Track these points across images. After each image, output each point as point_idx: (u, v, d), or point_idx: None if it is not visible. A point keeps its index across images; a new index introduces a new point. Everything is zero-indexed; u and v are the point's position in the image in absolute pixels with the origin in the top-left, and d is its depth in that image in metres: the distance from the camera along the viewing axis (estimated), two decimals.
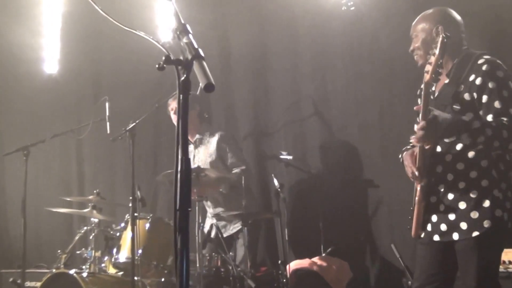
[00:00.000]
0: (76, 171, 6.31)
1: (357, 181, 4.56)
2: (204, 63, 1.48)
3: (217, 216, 4.47)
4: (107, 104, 4.54)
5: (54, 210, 4.79)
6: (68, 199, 5.13)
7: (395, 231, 4.28)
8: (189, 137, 4.82)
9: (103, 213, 4.61)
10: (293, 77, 5.03)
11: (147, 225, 4.15)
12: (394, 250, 3.84)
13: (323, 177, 4.65)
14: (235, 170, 4.42)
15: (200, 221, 3.88)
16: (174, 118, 4.72)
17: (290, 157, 4.39)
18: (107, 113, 4.53)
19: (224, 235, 4.46)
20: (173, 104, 4.76)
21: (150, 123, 5.53)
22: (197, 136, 4.64)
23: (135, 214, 3.80)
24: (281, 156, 4.48)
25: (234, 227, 4.53)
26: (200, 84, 1.44)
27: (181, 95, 1.51)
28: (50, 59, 6.56)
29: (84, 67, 6.35)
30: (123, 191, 5.82)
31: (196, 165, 4.20)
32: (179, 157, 1.51)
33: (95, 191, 4.63)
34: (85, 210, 4.57)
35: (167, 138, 5.74)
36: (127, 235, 4.16)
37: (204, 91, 1.41)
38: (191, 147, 4.82)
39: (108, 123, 4.52)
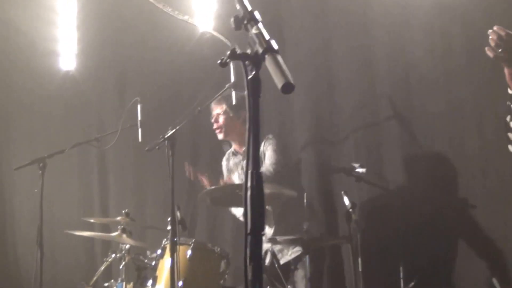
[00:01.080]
0: (100, 188, 6.49)
1: (447, 200, 4.52)
2: (279, 58, 1.54)
3: (272, 240, 4.53)
4: (139, 107, 4.67)
5: (77, 233, 4.92)
6: (92, 220, 5.28)
7: (496, 263, 4.24)
8: (237, 148, 4.93)
9: (133, 237, 4.73)
10: (364, 73, 5.06)
11: (189, 252, 4.24)
12: (497, 286, 3.80)
13: (404, 195, 4.64)
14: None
15: None
16: (216, 127, 4.90)
17: (363, 170, 4.40)
18: (139, 118, 4.65)
19: (281, 262, 4.51)
20: (216, 110, 4.88)
21: (186, 130, 5.63)
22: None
23: (175, 239, 3.88)
24: (352, 169, 4.49)
25: (292, 252, 4.59)
26: (277, 84, 1.49)
27: (250, 97, 1.57)
28: (66, 53, 6.74)
29: (106, 62, 6.54)
30: (155, 212, 5.97)
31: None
32: (249, 170, 1.56)
33: (123, 211, 4.76)
34: (113, 234, 4.70)
35: (207, 148, 5.84)
36: (164, 264, 4.27)
37: (282, 92, 1.47)
38: (239, 158, 4.91)
39: (140, 130, 4.64)
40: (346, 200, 4.20)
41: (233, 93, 4.36)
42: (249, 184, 1.59)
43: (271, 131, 5.24)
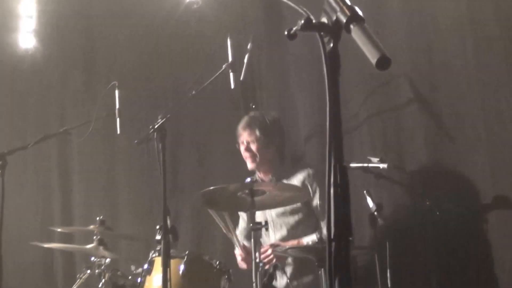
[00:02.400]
0: (62, 190, 6.40)
1: (489, 199, 4.53)
2: (367, 27, 1.50)
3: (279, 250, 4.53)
4: (117, 93, 4.61)
5: (46, 246, 4.84)
6: (59, 229, 5.20)
7: None
8: (263, 176, 4.99)
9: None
10: None
11: (182, 267, 4.16)
12: None
13: (433, 193, 4.61)
14: (308, 239, 4.67)
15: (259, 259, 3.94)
16: (248, 156, 4.88)
17: (384, 165, 4.38)
18: (117, 105, 4.60)
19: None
20: (246, 136, 4.88)
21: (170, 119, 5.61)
22: (270, 177, 4.85)
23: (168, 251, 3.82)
24: (371, 164, 4.46)
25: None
26: (370, 59, 1.45)
27: (328, 75, 1.53)
28: (23, 27, 6.58)
29: (72, 39, 6.46)
30: (130, 219, 5.91)
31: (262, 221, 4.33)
32: (332, 164, 1.53)
33: (98, 218, 4.67)
34: (89, 246, 4.62)
35: (193, 142, 5.80)
36: (152, 283, 4.19)
37: (377, 68, 1.43)
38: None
39: (118, 120, 4.59)
40: (369, 201, 4.18)
41: (231, 76, 4.33)
42: (332, 179, 1.54)
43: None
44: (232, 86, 4.35)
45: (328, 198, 1.54)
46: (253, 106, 4.98)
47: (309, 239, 4.65)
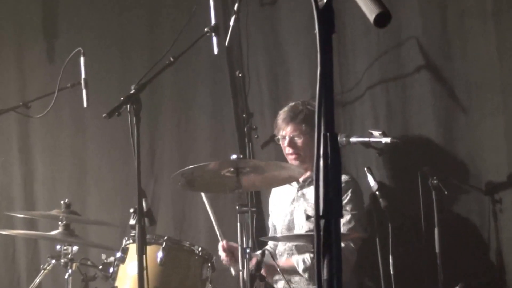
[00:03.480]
0: (24, 172, 6.39)
1: (504, 177, 4.58)
2: None
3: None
4: (82, 61, 4.61)
5: (6, 233, 4.87)
6: (20, 215, 5.22)
7: None
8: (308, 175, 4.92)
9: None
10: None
11: (160, 255, 4.20)
12: None
13: (444, 171, 4.64)
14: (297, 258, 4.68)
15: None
16: (291, 152, 4.83)
17: (387, 140, 4.41)
18: (83, 75, 4.61)
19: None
20: (291, 130, 4.82)
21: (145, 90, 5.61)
22: (308, 174, 4.80)
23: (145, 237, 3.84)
24: (372, 139, 4.49)
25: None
26: (368, 15, 1.48)
27: (321, 33, 1.56)
28: None
29: (30, 2, 6.43)
30: (100, 202, 5.93)
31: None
32: (321, 132, 1.57)
33: (63, 202, 4.67)
34: (53, 233, 4.63)
35: (173, 116, 5.86)
36: (127, 272, 4.23)
37: (376, 25, 1.46)
38: (290, 189, 4.96)
39: (85, 91, 4.61)
40: (371, 180, 4.23)
41: (214, 40, 4.34)
42: (321, 150, 1.58)
43: (264, 101, 5.25)
44: (215, 52, 4.36)
45: (316, 171, 1.57)
46: (240, 75, 4.97)
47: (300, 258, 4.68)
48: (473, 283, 4.33)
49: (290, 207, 4.84)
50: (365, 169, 4.31)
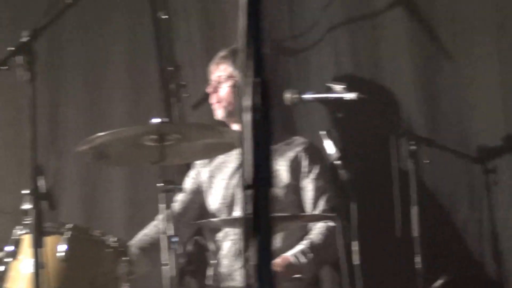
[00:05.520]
0: None
1: (499, 141, 4.62)
2: None
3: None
4: None
5: None
6: None
7: None
8: None
9: None
10: None
11: (63, 247, 4.19)
12: None
13: (423, 133, 4.70)
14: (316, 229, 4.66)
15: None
16: (214, 100, 4.91)
17: (351, 95, 4.42)
18: None
19: None
20: (217, 72, 4.90)
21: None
22: None
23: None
24: (332, 95, 4.51)
25: None
26: None
27: None
28: None
29: None
30: None
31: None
32: (251, 80, 1.57)
33: None
34: None
35: (80, 71, 5.83)
36: (19, 270, 4.21)
37: None
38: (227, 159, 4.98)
39: None
40: (330, 146, 4.24)
41: None
42: (249, 102, 1.58)
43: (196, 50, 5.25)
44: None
45: (243, 128, 1.57)
46: (166, 17, 4.94)
47: (295, 251, 4.67)
48: (460, 276, 4.40)
49: (231, 182, 4.86)
50: (323, 133, 4.30)
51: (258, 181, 1.58)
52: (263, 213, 1.58)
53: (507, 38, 4.60)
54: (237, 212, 4.73)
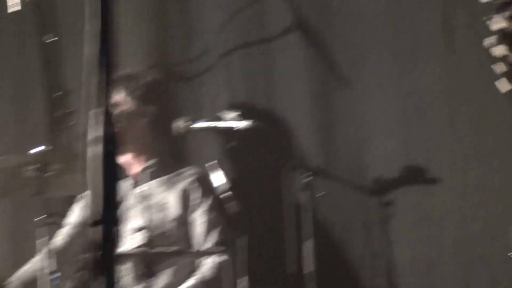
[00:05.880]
0: None
1: (398, 172, 4.68)
2: None
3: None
4: None
5: None
6: None
7: None
8: (129, 166, 4.92)
9: None
10: None
11: None
12: None
13: (320, 164, 4.76)
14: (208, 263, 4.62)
15: None
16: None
17: (241, 124, 4.43)
18: None
19: None
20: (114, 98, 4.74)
21: None
22: (146, 165, 4.82)
23: None
24: (221, 124, 4.50)
25: None
26: None
27: None
28: None
29: None
30: None
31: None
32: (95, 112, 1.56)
33: None
34: None
35: None
36: None
37: None
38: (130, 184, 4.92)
39: None
40: (220, 177, 4.26)
41: None
42: (95, 134, 1.57)
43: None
44: (11, 9, 4.31)
45: (84, 160, 1.55)
46: (55, 39, 4.89)
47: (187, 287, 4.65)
48: None
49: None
50: (210, 164, 4.31)
51: (106, 217, 1.57)
52: (109, 251, 1.57)
53: (403, 67, 4.64)
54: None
